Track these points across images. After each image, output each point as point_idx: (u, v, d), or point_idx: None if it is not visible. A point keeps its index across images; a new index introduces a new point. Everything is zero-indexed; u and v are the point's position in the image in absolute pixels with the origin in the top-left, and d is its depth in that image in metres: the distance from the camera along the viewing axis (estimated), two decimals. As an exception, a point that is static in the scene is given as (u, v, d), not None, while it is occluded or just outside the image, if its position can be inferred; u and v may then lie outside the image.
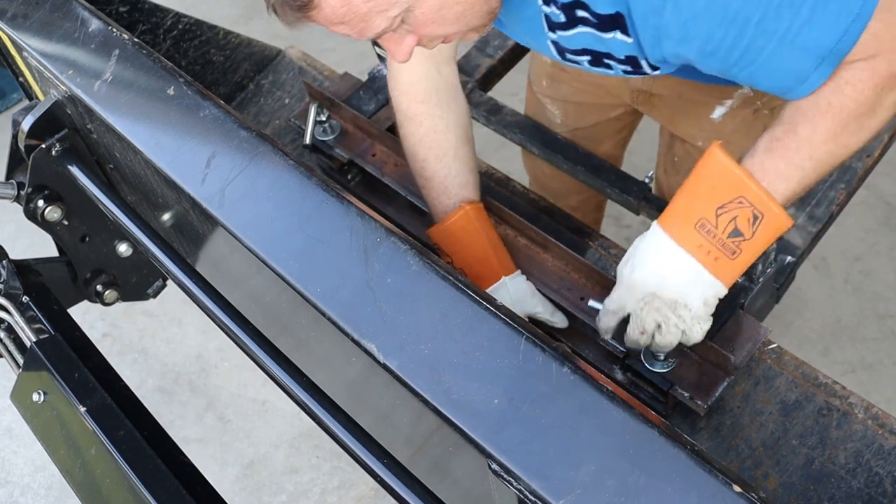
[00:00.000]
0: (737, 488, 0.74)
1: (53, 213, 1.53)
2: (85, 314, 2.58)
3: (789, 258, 1.42)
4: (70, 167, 1.44)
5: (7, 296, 1.48)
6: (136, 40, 1.29)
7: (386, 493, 0.95)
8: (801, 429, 1.20)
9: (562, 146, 1.70)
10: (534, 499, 0.79)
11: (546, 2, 1.09)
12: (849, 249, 2.57)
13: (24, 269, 1.54)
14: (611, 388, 0.82)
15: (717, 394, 1.18)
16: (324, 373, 1.15)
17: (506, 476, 0.80)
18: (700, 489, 0.75)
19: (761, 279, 1.29)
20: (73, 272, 1.66)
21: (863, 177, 1.54)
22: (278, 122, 1.82)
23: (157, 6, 1.75)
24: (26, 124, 1.41)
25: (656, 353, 1.19)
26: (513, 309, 1.03)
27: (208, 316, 1.17)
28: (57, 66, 1.31)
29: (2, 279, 1.49)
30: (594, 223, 2.13)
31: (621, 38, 1.07)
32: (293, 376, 1.05)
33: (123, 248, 1.69)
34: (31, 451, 2.41)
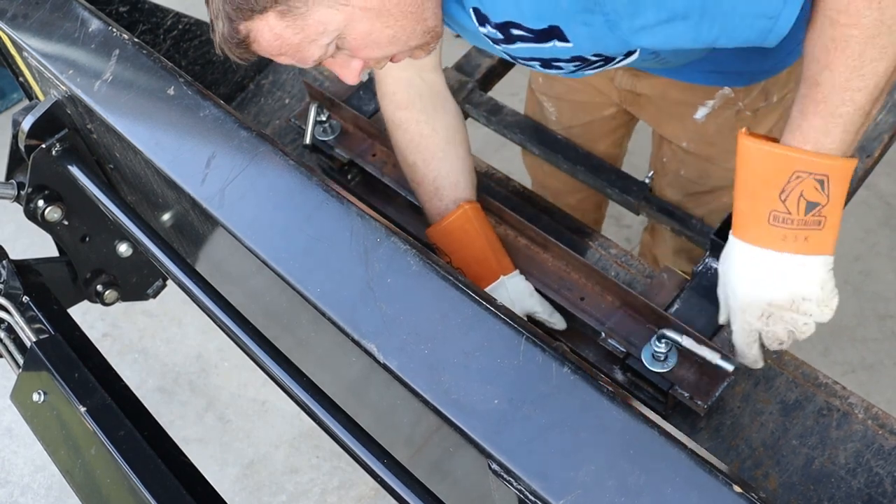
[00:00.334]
0: (737, 488, 0.74)
1: (53, 213, 1.53)
2: (85, 314, 2.58)
3: (789, 258, 1.42)
4: (70, 167, 1.44)
5: (7, 296, 1.48)
6: (137, 40, 1.29)
7: (386, 493, 0.95)
8: (802, 429, 1.20)
9: (562, 146, 1.70)
10: (534, 499, 0.79)
11: (481, 24, 1.09)
12: (849, 249, 2.57)
13: (24, 269, 1.54)
14: (611, 389, 0.82)
15: (717, 394, 1.18)
16: (324, 373, 1.15)
17: (506, 476, 0.80)
18: (700, 489, 0.75)
19: (761, 279, 1.29)
20: (73, 272, 1.66)
21: (863, 177, 1.54)
22: (278, 122, 1.82)
23: (157, 6, 1.75)
24: (26, 124, 1.41)
25: (655, 353, 1.19)
26: (511, 308, 1.03)
27: (208, 316, 1.17)
28: (57, 66, 1.31)
29: (2, 279, 1.49)
30: (594, 223, 2.13)
31: (561, 45, 1.07)
32: (293, 376, 1.05)
33: (123, 248, 1.69)
34: (31, 451, 2.41)
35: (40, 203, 1.51)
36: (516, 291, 1.33)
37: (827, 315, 1.10)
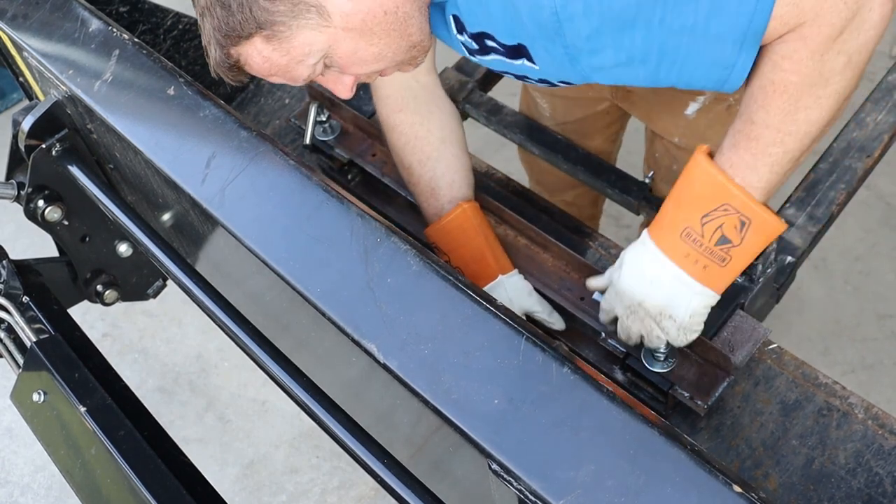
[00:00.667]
0: (737, 488, 0.74)
1: (53, 213, 1.53)
2: (85, 314, 2.58)
3: (789, 258, 1.42)
4: (70, 167, 1.44)
5: (7, 296, 1.48)
6: (137, 40, 1.29)
7: (386, 493, 0.95)
8: (802, 429, 1.20)
9: (562, 146, 1.70)
10: (534, 499, 0.79)
11: (459, 31, 1.11)
12: (849, 249, 2.57)
13: (24, 269, 1.54)
14: (611, 389, 0.82)
15: (717, 394, 1.18)
16: (324, 373, 1.15)
17: (506, 476, 0.80)
18: (700, 489, 0.75)
19: (761, 279, 1.29)
20: (73, 272, 1.66)
21: (863, 177, 1.54)
22: (278, 122, 1.82)
23: (157, 6, 1.75)
24: (26, 124, 1.41)
25: (655, 353, 1.19)
26: (510, 307, 1.03)
27: (208, 316, 1.17)
28: (57, 66, 1.31)
29: (2, 279, 1.49)
30: (591, 219, 2.13)
31: (529, 65, 1.09)
32: (293, 376, 1.05)
33: (123, 248, 1.69)
34: (31, 451, 2.41)
35: (40, 203, 1.51)
36: (515, 290, 1.34)
37: (681, 341, 1.15)
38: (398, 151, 1.43)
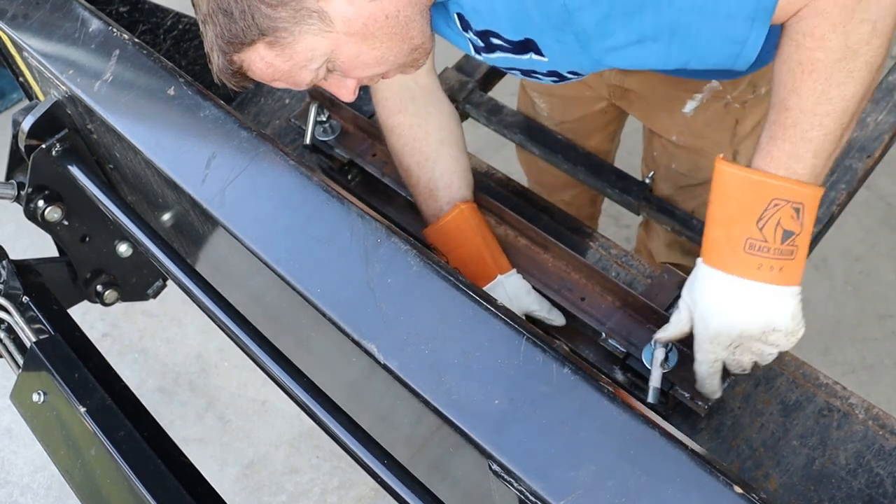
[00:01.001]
0: (737, 489, 0.74)
1: (53, 214, 1.53)
2: (85, 314, 2.58)
3: (790, 258, 1.41)
4: (70, 167, 1.44)
5: (7, 296, 1.48)
6: (137, 40, 1.29)
7: (386, 494, 0.95)
8: (802, 429, 1.20)
9: (562, 147, 1.70)
10: (534, 499, 0.78)
11: (465, 28, 1.11)
12: (849, 249, 2.57)
13: (24, 269, 1.54)
14: (611, 389, 0.82)
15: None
16: (324, 373, 1.15)
17: (506, 477, 0.80)
18: (701, 490, 0.75)
19: (762, 279, 1.29)
20: (73, 272, 1.66)
21: (863, 177, 1.54)
22: (278, 122, 1.82)
23: (157, 6, 1.75)
24: (26, 124, 1.41)
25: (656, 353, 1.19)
26: (509, 308, 1.03)
27: (208, 316, 1.17)
28: (57, 66, 1.31)
29: (2, 279, 1.49)
30: (590, 218, 2.13)
31: (537, 58, 1.08)
32: (293, 376, 1.05)
33: (123, 249, 1.69)
34: (30, 452, 2.41)
35: (40, 203, 1.51)
36: (514, 290, 1.34)
37: (792, 344, 1.09)
38: (397, 153, 1.43)
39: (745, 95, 1.46)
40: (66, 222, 1.57)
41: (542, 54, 1.07)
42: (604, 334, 1.26)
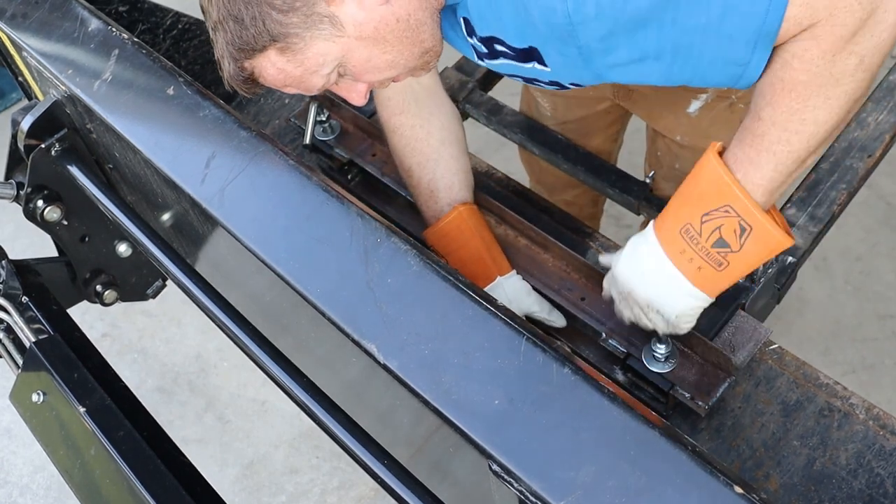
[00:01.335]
0: (738, 489, 0.74)
1: (53, 213, 1.53)
2: (84, 314, 2.57)
3: (790, 258, 1.42)
4: (69, 167, 1.44)
5: (6, 296, 1.48)
6: (136, 40, 1.28)
7: (386, 494, 0.95)
8: (803, 429, 1.20)
9: (562, 146, 1.70)
10: (534, 499, 0.78)
11: (469, 34, 1.11)
12: (849, 249, 2.57)
13: (24, 269, 1.54)
14: (611, 389, 0.82)
15: (718, 394, 1.17)
16: (324, 373, 1.15)
17: (506, 477, 0.80)
18: (701, 490, 0.75)
19: (762, 280, 1.29)
20: (72, 272, 1.66)
21: (864, 177, 1.54)
22: (278, 122, 1.82)
23: (156, 6, 1.75)
24: (26, 124, 1.41)
25: (656, 354, 1.19)
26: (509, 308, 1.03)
27: (208, 316, 1.16)
28: (56, 65, 1.31)
29: (1, 279, 1.49)
30: (591, 218, 2.13)
31: (540, 68, 1.09)
32: (293, 376, 1.05)
33: (123, 248, 1.69)
34: (30, 452, 2.41)
35: (39, 203, 1.51)
36: (514, 291, 1.33)
37: (669, 332, 1.15)
38: (399, 154, 1.43)
39: (750, 94, 1.46)
40: (65, 222, 1.57)
41: (546, 64, 1.07)
42: (604, 334, 1.26)
